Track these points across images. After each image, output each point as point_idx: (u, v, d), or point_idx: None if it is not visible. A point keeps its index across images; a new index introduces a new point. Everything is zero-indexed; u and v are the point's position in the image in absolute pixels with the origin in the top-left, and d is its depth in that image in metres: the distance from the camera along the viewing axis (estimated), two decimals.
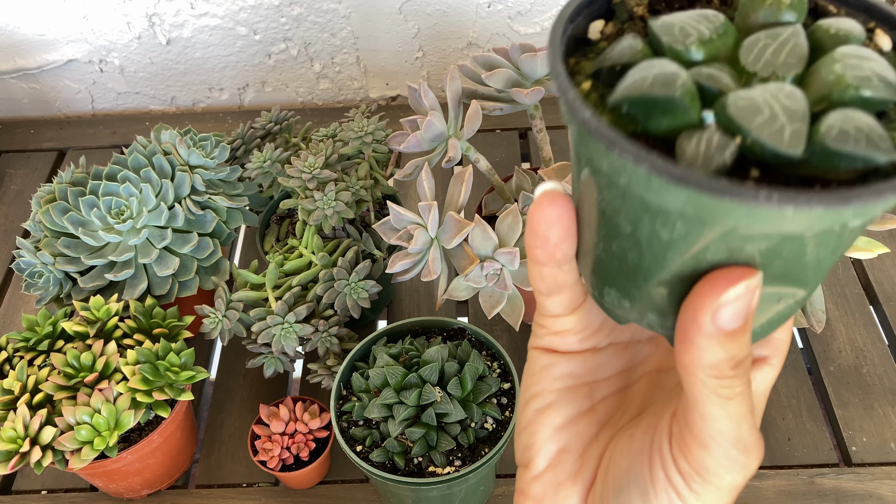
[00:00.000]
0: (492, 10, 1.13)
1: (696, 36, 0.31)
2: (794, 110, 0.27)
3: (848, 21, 0.33)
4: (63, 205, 0.81)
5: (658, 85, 0.28)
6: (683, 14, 0.32)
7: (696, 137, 0.28)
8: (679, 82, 0.28)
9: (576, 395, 0.42)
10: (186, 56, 1.19)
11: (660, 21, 0.31)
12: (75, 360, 0.73)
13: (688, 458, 0.33)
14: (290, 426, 0.79)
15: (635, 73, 0.29)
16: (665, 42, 0.31)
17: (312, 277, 0.84)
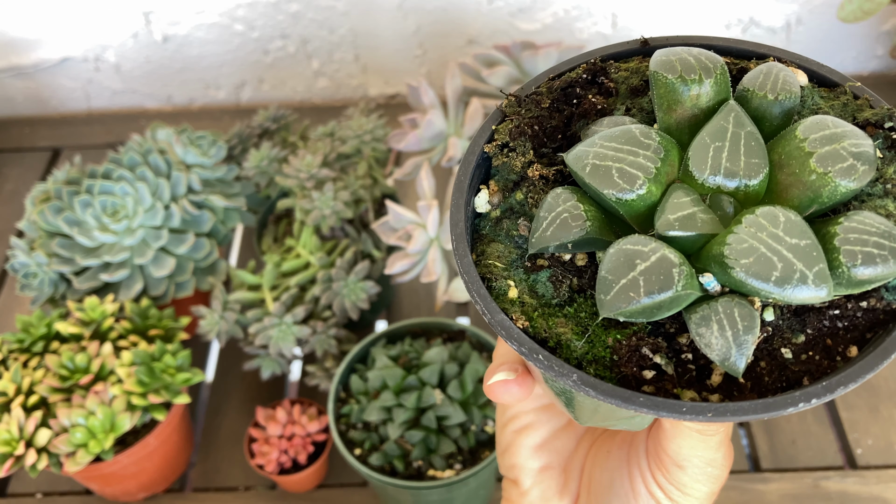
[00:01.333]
0: (493, 7, 1.12)
1: (642, 177, 0.27)
2: (802, 248, 0.25)
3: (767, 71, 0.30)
4: (58, 205, 0.80)
5: (656, 286, 0.25)
6: (606, 146, 0.28)
7: (714, 322, 0.26)
8: (676, 271, 0.26)
9: (551, 413, 0.43)
10: (183, 54, 1.18)
11: (587, 164, 0.28)
12: (70, 361, 0.72)
13: (665, 475, 0.36)
14: (287, 429, 0.78)
15: (617, 275, 0.26)
16: (608, 195, 0.27)
17: (310, 278, 0.83)
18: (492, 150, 0.32)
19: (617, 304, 0.25)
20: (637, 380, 0.28)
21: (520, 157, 0.32)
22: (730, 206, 0.28)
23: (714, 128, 0.28)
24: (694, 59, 0.30)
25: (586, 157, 0.28)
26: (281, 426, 0.77)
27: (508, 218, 0.32)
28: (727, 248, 0.26)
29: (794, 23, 1.11)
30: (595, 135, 0.30)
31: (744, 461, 0.81)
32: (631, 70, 0.35)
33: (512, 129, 0.32)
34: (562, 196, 0.28)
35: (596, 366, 0.28)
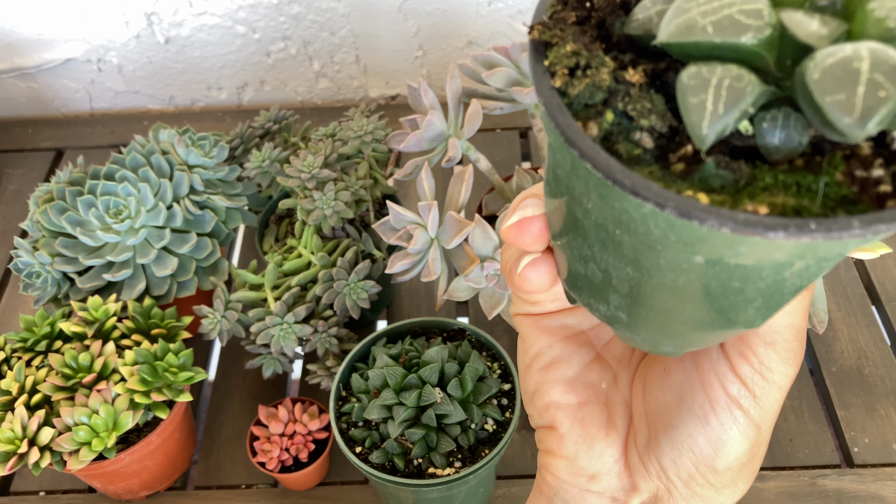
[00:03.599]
0: (492, 9, 1.13)
1: (762, 6, 0.24)
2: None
3: None
4: (61, 205, 0.81)
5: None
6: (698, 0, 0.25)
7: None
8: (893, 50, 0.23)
9: (577, 344, 0.40)
10: (185, 55, 1.19)
11: (705, 25, 0.24)
12: (73, 360, 0.72)
13: (750, 360, 0.33)
14: (289, 427, 0.78)
15: (847, 86, 0.22)
16: (746, 42, 0.24)
17: (311, 278, 0.83)
18: (562, 80, 0.28)
19: (871, 116, 0.22)
20: (881, 199, 0.25)
21: (602, 69, 0.28)
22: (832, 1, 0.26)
23: None
24: None
25: (695, 21, 0.25)
26: (282, 424, 0.78)
27: (617, 143, 0.28)
28: (888, 20, 0.23)
29: None
30: (661, 15, 0.27)
31: None
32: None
33: (579, 45, 0.28)
34: (703, 70, 0.25)
35: (842, 209, 0.25)
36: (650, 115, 0.28)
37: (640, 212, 0.26)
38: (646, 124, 0.28)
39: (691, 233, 0.26)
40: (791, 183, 0.26)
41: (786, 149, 0.27)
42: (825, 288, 0.79)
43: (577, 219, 0.30)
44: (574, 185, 0.29)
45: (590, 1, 0.31)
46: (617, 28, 0.30)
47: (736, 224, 0.24)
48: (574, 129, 0.27)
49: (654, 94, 0.28)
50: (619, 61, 0.29)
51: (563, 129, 0.27)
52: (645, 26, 0.28)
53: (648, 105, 0.28)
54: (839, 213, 0.25)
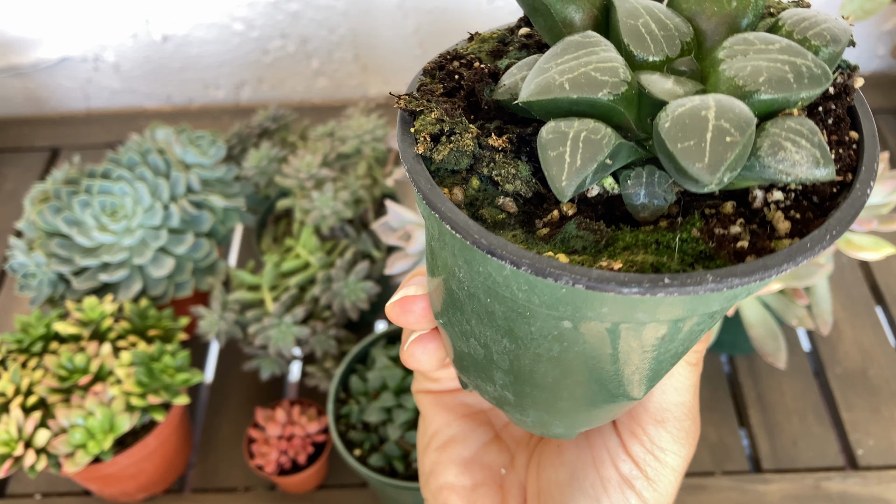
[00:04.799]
0: (493, 7, 1.12)
1: (619, 64, 0.25)
2: (786, 46, 0.25)
3: None
4: (56, 205, 0.80)
5: (741, 119, 0.23)
6: (560, 60, 0.26)
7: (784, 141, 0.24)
8: (739, 104, 0.24)
9: (476, 423, 0.39)
10: (182, 53, 1.18)
11: (563, 83, 0.25)
12: (69, 361, 0.71)
13: (641, 438, 0.33)
14: (286, 429, 0.77)
15: (696, 134, 0.23)
16: (602, 97, 0.25)
17: (310, 278, 0.82)
18: (426, 147, 0.28)
19: (720, 161, 0.22)
20: (739, 255, 0.25)
21: (465, 136, 0.28)
22: (689, 64, 0.27)
23: (626, 10, 0.27)
24: None
25: (553, 79, 0.25)
26: (280, 427, 0.77)
27: (482, 208, 0.28)
28: (737, 79, 0.25)
29: None
30: (517, 81, 0.28)
31: (745, 462, 0.81)
32: (477, 43, 0.33)
33: (441, 112, 0.28)
34: (561, 125, 0.25)
35: (702, 264, 0.25)
36: (515, 180, 0.28)
37: (501, 274, 0.26)
38: (510, 189, 0.28)
39: (552, 294, 0.26)
40: (651, 241, 0.26)
41: (651, 206, 0.27)
42: (829, 289, 0.78)
43: (454, 292, 0.30)
44: (445, 256, 0.29)
45: (458, 73, 0.31)
46: (486, 95, 0.30)
47: (590, 280, 0.24)
48: (435, 193, 0.27)
49: (519, 161, 0.28)
50: (486, 128, 0.29)
51: (424, 194, 0.27)
52: (511, 91, 0.28)
53: (513, 171, 0.28)
54: (697, 269, 0.25)
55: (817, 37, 0.26)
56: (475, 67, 0.31)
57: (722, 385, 0.87)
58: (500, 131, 0.29)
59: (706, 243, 0.26)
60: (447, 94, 0.31)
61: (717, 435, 0.83)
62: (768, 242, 0.26)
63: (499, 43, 0.33)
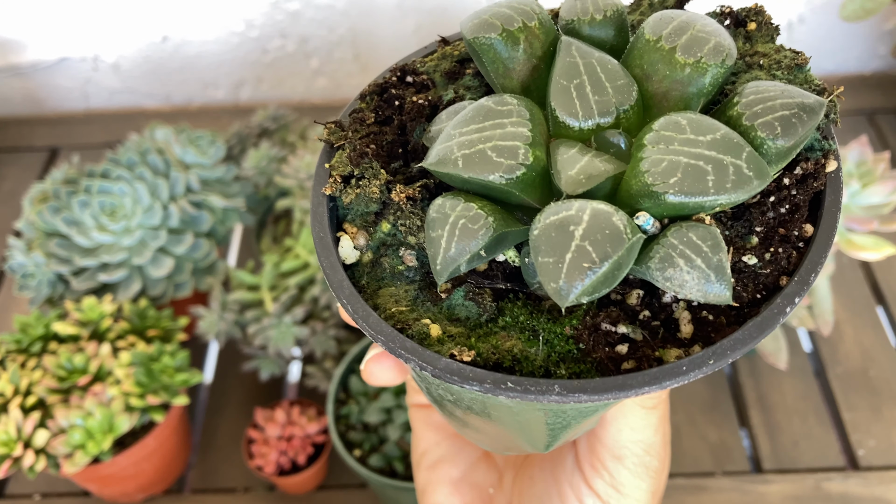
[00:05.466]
0: None
1: (521, 145, 0.24)
2: (720, 140, 0.23)
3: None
4: (55, 205, 0.80)
5: (607, 243, 0.22)
6: (466, 131, 0.24)
7: (677, 258, 0.23)
8: (617, 219, 0.23)
9: (464, 442, 0.39)
10: (181, 53, 1.18)
11: (457, 158, 0.24)
12: (68, 362, 0.71)
13: (601, 473, 0.33)
14: (286, 430, 0.77)
15: (558, 253, 0.22)
16: (494, 180, 0.24)
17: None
18: (335, 188, 0.28)
19: (574, 285, 0.22)
20: (613, 360, 0.24)
21: (373, 182, 0.27)
22: (619, 139, 0.25)
23: (563, 67, 0.26)
24: (508, 9, 0.27)
25: (451, 151, 0.24)
26: (280, 427, 0.77)
27: (385, 256, 0.28)
28: (647, 175, 0.23)
29: (796, 22, 1.11)
30: (442, 131, 0.26)
31: (745, 462, 0.81)
32: (437, 58, 0.32)
33: (350, 154, 0.28)
34: (447, 204, 0.24)
35: (566, 365, 0.25)
36: (419, 232, 0.27)
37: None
38: (413, 242, 0.27)
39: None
40: (529, 327, 0.26)
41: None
42: (830, 289, 0.78)
43: None
44: None
45: (399, 100, 0.30)
46: (417, 135, 0.29)
47: (436, 370, 0.24)
48: (324, 244, 0.27)
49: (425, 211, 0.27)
50: (406, 170, 0.29)
51: (315, 240, 0.27)
52: (435, 139, 0.27)
53: (418, 222, 0.27)
54: (559, 371, 0.24)
55: (766, 127, 0.24)
56: (414, 102, 0.29)
57: (723, 385, 0.87)
58: (421, 175, 0.28)
59: (577, 343, 0.25)
60: (380, 122, 0.30)
61: (718, 435, 0.82)
62: (654, 351, 0.24)
63: (457, 63, 0.31)
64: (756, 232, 0.26)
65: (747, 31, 0.30)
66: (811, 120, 0.24)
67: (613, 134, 0.25)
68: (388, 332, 0.25)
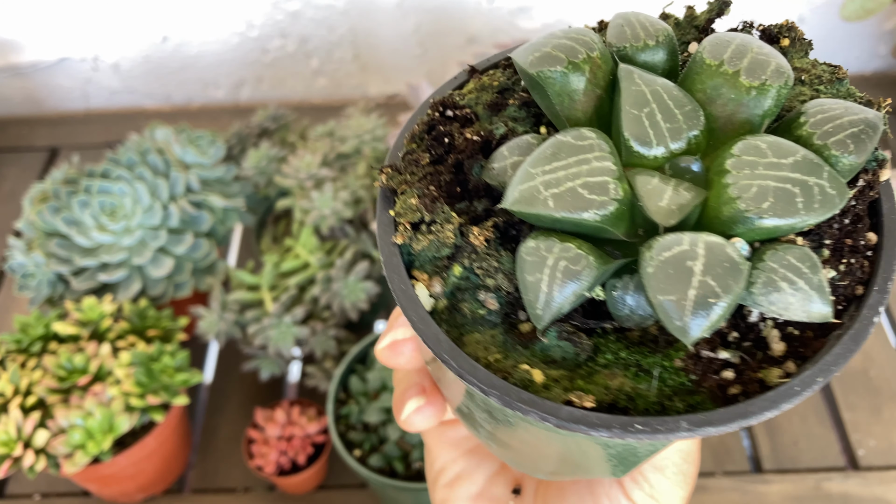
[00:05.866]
0: (493, 6, 1.12)
1: (611, 180, 0.24)
2: (801, 161, 0.23)
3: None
4: (55, 205, 0.80)
5: (729, 276, 0.22)
6: (548, 169, 0.24)
7: (780, 281, 0.23)
8: (732, 251, 0.22)
9: (481, 457, 0.39)
10: (181, 53, 1.18)
11: (546, 198, 0.23)
12: (68, 362, 0.71)
13: (641, 485, 0.33)
14: (286, 430, 0.77)
15: (678, 289, 0.22)
16: (588, 218, 0.23)
17: (309, 278, 0.82)
18: (406, 237, 0.27)
19: (700, 322, 0.21)
20: (721, 388, 0.24)
21: (446, 226, 0.26)
22: (694, 164, 0.25)
23: (631, 96, 0.25)
24: (570, 41, 0.27)
25: (538, 191, 0.24)
26: (280, 427, 0.77)
27: (462, 301, 0.27)
28: (740, 201, 0.23)
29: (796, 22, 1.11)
30: (507, 168, 0.26)
31: (745, 462, 0.81)
32: (475, 89, 0.31)
33: (420, 200, 0.27)
34: (541, 246, 0.24)
35: (679, 398, 0.24)
36: (497, 274, 0.26)
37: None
38: (491, 284, 0.27)
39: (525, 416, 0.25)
40: (632, 362, 0.25)
41: (637, 317, 0.26)
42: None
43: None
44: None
45: (448, 137, 0.29)
46: (475, 173, 0.29)
47: (559, 420, 0.23)
48: (408, 297, 0.26)
49: (502, 252, 0.27)
50: (472, 209, 0.28)
51: (397, 296, 0.26)
52: (500, 178, 0.27)
53: (496, 264, 0.26)
54: (675, 404, 0.24)
55: (839, 145, 0.24)
56: (467, 139, 0.29)
57: None
58: (487, 214, 0.28)
59: (687, 374, 0.25)
60: (434, 161, 0.29)
61: (718, 435, 0.82)
62: (756, 373, 0.24)
63: (498, 94, 0.31)
64: (826, 245, 0.26)
65: (781, 47, 0.30)
66: (875, 134, 0.25)
67: (687, 160, 0.25)
68: (501, 384, 0.24)
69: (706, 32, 0.31)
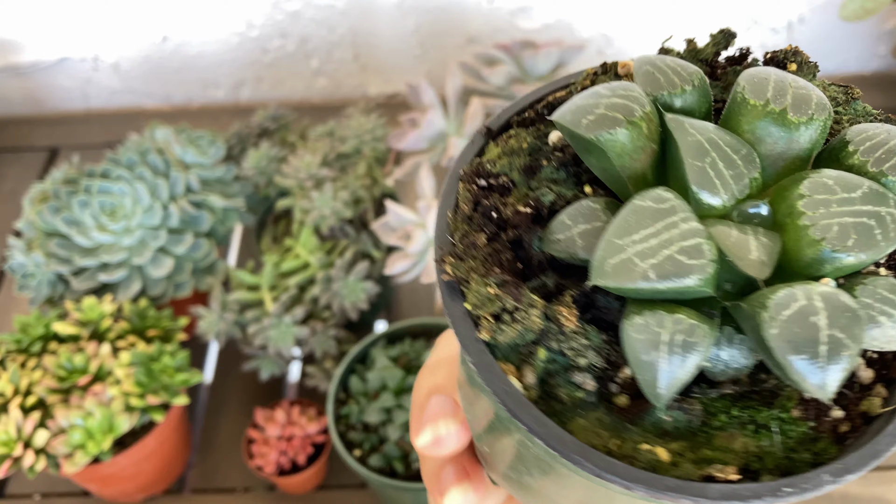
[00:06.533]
0: (493, 6, 1.12)
1: (702, 241, 0.23)
2: (869, 194, 0.24)
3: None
4: (55, 204, 0.80)
5: (850, 321, 0.21)
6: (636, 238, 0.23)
7: (879, 315, 0.23)
8: (846, 298, 0.22)
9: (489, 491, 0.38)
10: (181, 53, 1.18)
11: (646, 271, 0.22)
12: (68, 362, 0.71)
13: None
14: (286, 430, 0.77)
15: (809, 343, 0.21)
16: (692, 284, 0.23)
17: (309, 278, 0.82)
18: (490, 332, 0.25)
19: (834, 376, 0.21)
20: (834, 427, 0.24)
21: (532, 312, 0.25)
22: (760, 208, 0.25)
23: (689, 147, 0.25)
24: (622, 99, 0.26)
25: (633, 264, 0.23)
26: (280, 427, 0.77)
27: (557, 386, 0.26)
28: (825, 243, 0.23)
29: (796, 22, 1.11)
30: (573, 238, 0.26)
31: None
32: (506, 153, 0.30)
33: (500, 288, 0.25)
34: (650, 322, 0.23)
35: (803, 448, 0.24)
36: (587, 351, 0.25)
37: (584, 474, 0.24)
38: (584, 364, 0.25)
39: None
40: (746, 419, 0.25)
41: (731, 370, 0.25)
42: None
43: (503, 441, 0.28)
44: (506, 426, 0.27)
45: (496, 210, 0.28)
46: (536, 246, 0.27)
47: (710, 500, 0.22)
48: (518, 401, 0.24)
49: (587, 327, 0.26)
50: (544, 290, 0.27)
51: (501, 396, 0.24)
52: (568, 249, 0.26)
53: (584, 342, 0.25)
54: (802, 455, 0.24)
55: (895, 171, 0.25)
56: (518, 211, 0.28)
57: None
58: (559, 288, 0.27)
59: (806, 422, 0.24)
60: (490, 239, 0.27)
61: None
62: (859, 406, 0.24)
63: (530, 157, 0.30)
64: (882, 265, 0.27)
65: (790, 72, 0.30)
66: None
67: (752, 204, 0.25)
68: (646, 476, 0.23)
69: (713, 66, 0.31)
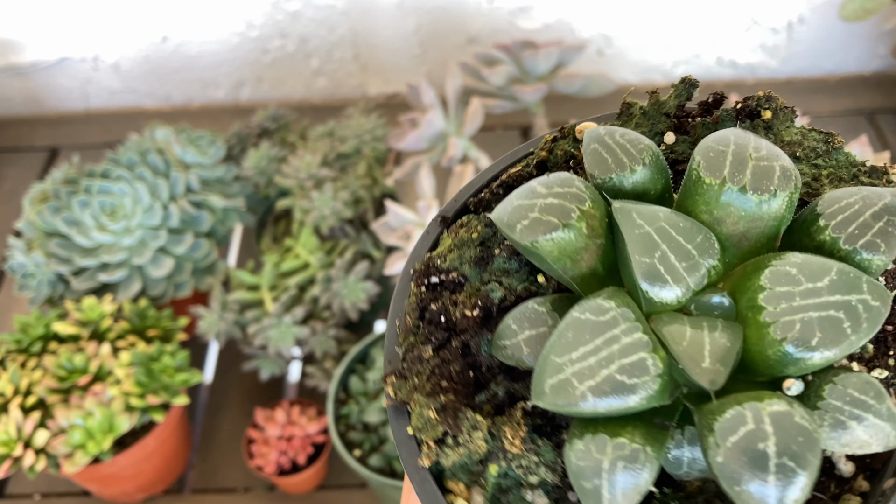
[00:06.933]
0: (493, 7, 1.12)
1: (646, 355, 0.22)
2: (837, 281, 0.22)
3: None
4: (56, 204, 0.80)
5: (798, 445, 0.20)
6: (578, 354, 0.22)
7: (847, 419, 0.22)
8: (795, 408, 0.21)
9: None
10: (181, 53, 1.18)
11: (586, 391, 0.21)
12: (68, 362, 0.71)
13: None
14: (286, 430, 0.77)
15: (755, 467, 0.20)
16: (636, 401, 0.22)
17: (309, 278, 0.82)
18: (432, 456, 0.24)
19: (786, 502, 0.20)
20: None
21: (475, 434, 0.24)
22: (720, 299, 0.23)
23: (637, 242, 0.23)
24: (557, 199, 0.25)
25: (571, 386, 0.21)
26: (280, 427, 0.77)
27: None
28: (786, 343, 0.21)
29: (796, 22, 1.11)
30: (520, 345, 0.25)
31: None
32: (455, 246, 0.29)
33: (438, 413, 0.24)
34: (591, 448, 0.22)
35: None
36: (539, 468, 0.24)
37: None
38: (535, 481, 0.25)
39: None
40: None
41: (696, 472, 0.24)
42: None
43: None
44: None
45: (444, 314, 0.27)
46: (485, 351, 0.26)
47: None
48: None
49: (539, 442, 0.25)
50: (493, 402, 0.26)
51: None
52: (515, 356, 0.25)
53: (535, 458, 0.24)
54: None
55: (869, 247, 0.23)
56: (466, 316, 0.26)
57: None
58: (510, 397, 0.25)
59: None
60: (438, 348, 0.26)
61: None
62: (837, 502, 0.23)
63: (481, 247, 0.28)
64: (856, 357, 0.25)
65: (764, 120, 0.28)
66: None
67: (711, 294, 0.24)
68: None
69: (678, 119, 0.29)
